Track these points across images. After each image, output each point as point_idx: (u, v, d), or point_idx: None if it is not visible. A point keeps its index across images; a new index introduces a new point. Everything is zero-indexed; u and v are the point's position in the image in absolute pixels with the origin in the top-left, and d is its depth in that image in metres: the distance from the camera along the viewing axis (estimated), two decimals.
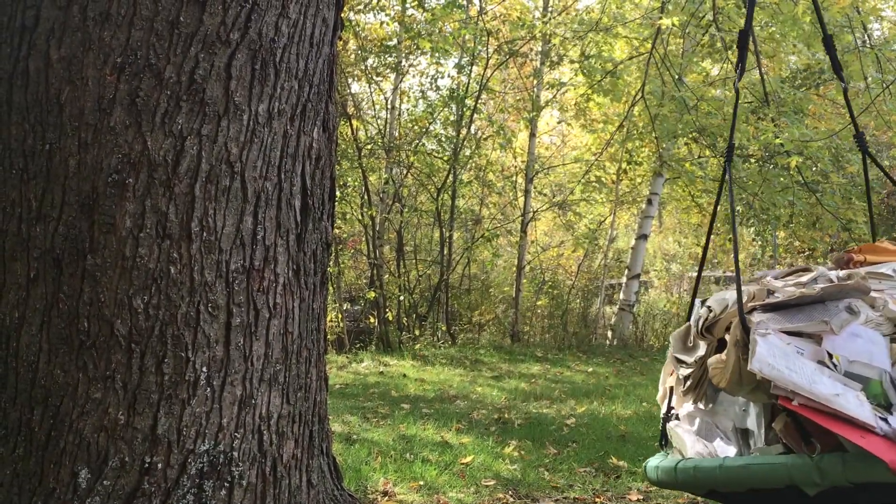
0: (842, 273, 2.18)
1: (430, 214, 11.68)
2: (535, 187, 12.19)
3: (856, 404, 1.80)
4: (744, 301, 2.13)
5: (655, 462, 2.20)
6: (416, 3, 9.59)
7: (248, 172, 2.12)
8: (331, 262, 2.54)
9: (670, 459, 2.16)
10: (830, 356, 1.94)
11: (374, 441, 4.47)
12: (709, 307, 2.27)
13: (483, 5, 10.36)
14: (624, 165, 10.78)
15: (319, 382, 2.43)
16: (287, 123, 2.21)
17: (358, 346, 10.39)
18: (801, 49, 8.38)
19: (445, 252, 11.03)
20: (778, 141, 7.35)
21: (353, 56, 10.95)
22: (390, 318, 10.57)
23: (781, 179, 8.30)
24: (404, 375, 7.57)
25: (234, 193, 2.10)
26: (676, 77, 7.64)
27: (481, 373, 7.98)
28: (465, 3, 10.02)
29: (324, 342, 2.48)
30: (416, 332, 10.66)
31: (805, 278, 2.17)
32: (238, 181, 2.10)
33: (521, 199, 12.02)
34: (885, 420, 1.78)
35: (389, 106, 11.82)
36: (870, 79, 6.86)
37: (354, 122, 10.57)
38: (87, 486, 1.96)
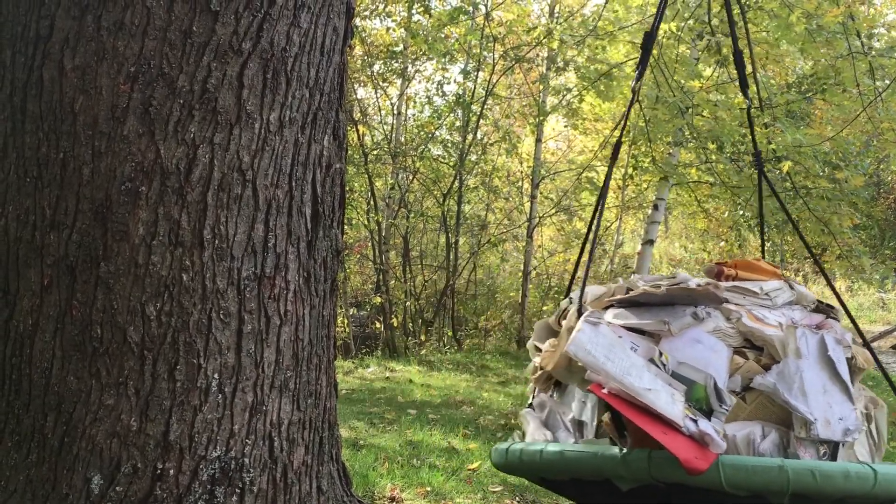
0: (702, 281, 2.19)
1: (436, 220, 11.70)
2: (541, 192, 12.19)
3: (667, 401, 1.78)
4: (603, 296, 2.19)
5: (499, 446, 2.21)
6: (422, 9, 9.62)
7: (260, 180, 2.13)
8: None
9: (508, 444, 2.17)
10: (661, 355, 1.95)
11: (381, 447, 4.47)
12: (570, 298, 2.32)
13: (489, 11, 10.38)
14: (630, 171, 10.78)
15: (329, 389, 2.43)
16: (298, 132, 2.23)
17: (364, 351, 10.40)
18: (794, 54, 8.40)
19: (451, 257, 11.04)
20: (772, 146, 7.39)
21: (359, 62, 10.98)
22: (396, 324, 10.59)
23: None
24: (410, 381, 7.58)
25: (246, 201, 2.11)
26: (672, 81, 7.65)
27: (487, 378, 7.98)
28: (470, 9, 10.04)
29: (333, 349, 2.49)
30: (422, 338, 10.67)
31: (665, 282, 2.18)
32: (250, 189, 2.11)
33: (527, 205, 12.02)
34: (695, 422, 1.77)
35: (395, 111, 11.86)
36: (863, 88, 6.87)
37: (361, 128, 10.60)
38: (100, 492, 1.97)
